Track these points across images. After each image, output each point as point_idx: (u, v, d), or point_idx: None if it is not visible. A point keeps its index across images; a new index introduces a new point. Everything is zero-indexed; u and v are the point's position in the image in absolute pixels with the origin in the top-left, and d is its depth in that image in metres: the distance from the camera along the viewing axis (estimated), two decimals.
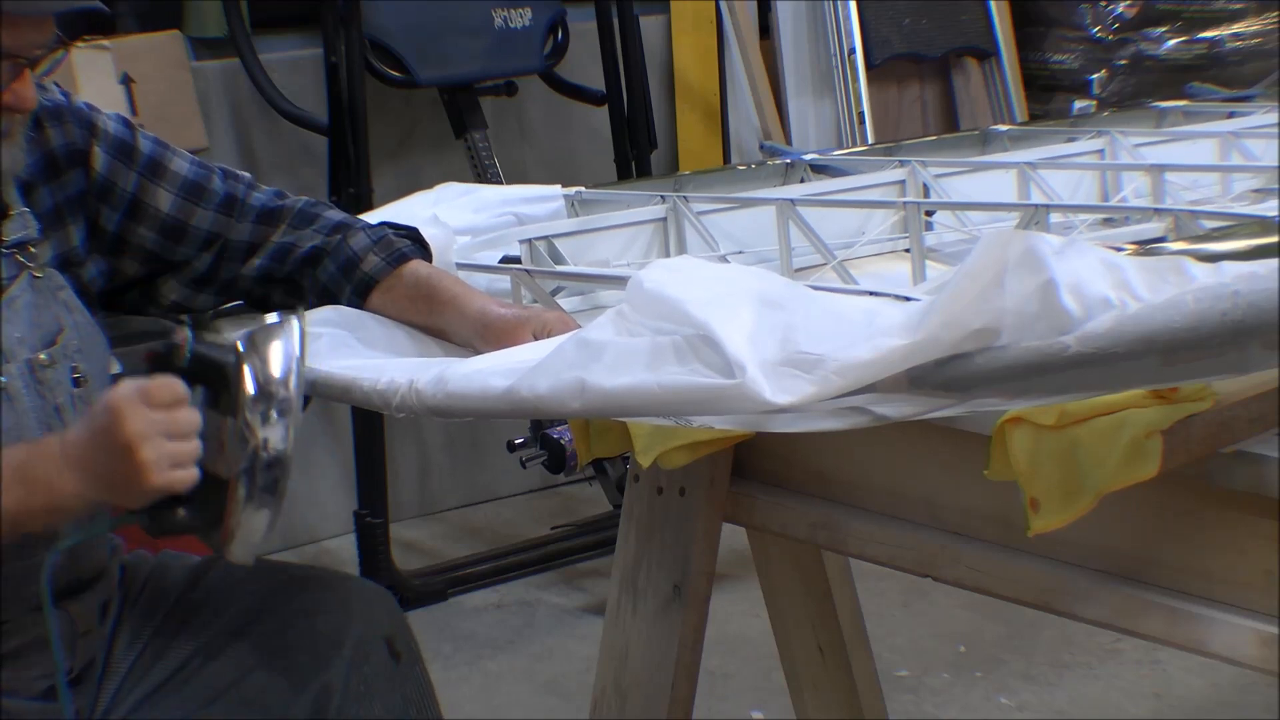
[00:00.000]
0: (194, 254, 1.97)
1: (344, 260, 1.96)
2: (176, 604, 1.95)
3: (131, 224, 1.94)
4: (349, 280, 1.95)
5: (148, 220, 1.94)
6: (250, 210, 1.98)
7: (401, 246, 1.97)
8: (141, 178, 1.93)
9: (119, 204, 1.93)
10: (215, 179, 1.98)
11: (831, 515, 2.02)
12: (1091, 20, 4.98)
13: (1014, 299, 1.35)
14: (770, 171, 2.50)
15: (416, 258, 1.97)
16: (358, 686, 1.88)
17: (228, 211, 1.97)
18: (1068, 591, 1.80)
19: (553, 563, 4.12)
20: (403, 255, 1.96)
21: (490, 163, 4.11)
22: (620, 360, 1.48)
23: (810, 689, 2.64)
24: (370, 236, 1.97)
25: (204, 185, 1.97)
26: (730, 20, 4.71)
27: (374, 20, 3.94)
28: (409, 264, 1.95)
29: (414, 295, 1.93)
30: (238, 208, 1.98)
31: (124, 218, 1.93)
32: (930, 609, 3.77)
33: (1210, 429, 1.63)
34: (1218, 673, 3.34)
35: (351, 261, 1.95)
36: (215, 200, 1.97)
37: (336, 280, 1.96)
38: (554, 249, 2.10)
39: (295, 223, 2.00)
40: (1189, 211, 1.96)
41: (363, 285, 1.95)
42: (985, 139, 2.72)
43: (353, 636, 1.89)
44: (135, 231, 1.94)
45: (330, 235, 1.98)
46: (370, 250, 1.95)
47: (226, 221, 1.97)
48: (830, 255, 2.05)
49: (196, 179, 1.97)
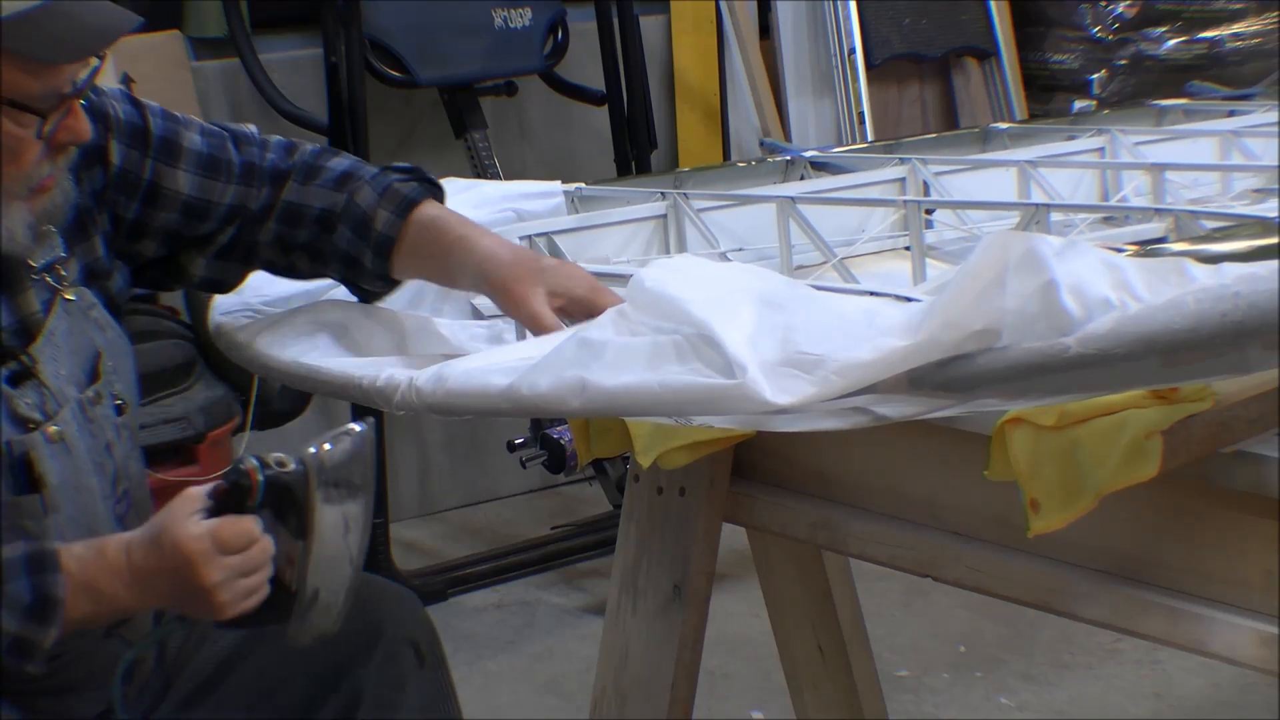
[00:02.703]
0: (217, 227, 1.92)
1: (356, 221, 1.88)
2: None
3: (151, 210, 1.89)
4: (367, 243, 1.88)
5: (168, 204, 1.89)
6: (265, 174, 1.92)
7: (406, 192, 1.88)
8: (157, 163, 1.88)
9: (137, 193, 1.87)
10: (229, 147, 1.91)
11: (831, 515, 2.02)
12: (1091, 20, 4.98)
13: (1015, 300, 1.35)
14: (770, 169, 2.50)
15: (424, 199, 1.89)
16: (386, 688, 1.88)
17: (248, 182, 1.91)
18: (1068, 591, 1.80)
19: (553, 563, 4.11)
20: (409, 202, 1.87)
21: (490, 163, 4.10)
22: (621, 359, 1.48)
23: (810, 689, 2.64)
24: (375, 188, 1.89)
25: (220, 157, 1.91)
26: (730, 20, 4.70)
27: (374, 20, 3.94)
28: (417, 209, 1.87)
29: (425, 241, 1.86)
30: (257, 175, 1.92)
31: (143, 205, 1.88)
32: (930, 609, 3.76)
33: (1210, 429, 1.63)
34: (1218, 673, 3.34)
35: (364, 221, 1.88)
36: (235, 172, 1.91)
37: (355, 245, 1.89)
38: (554, 245, 2.10)
39: (300, 178, 1.93)
40: (1189, 211, 1.96)
41: (381, 247, 1.87)
42: (985, 137, 2.72)
43: (382, 639, 1.90)
44: (156, 217, 1.89)
45: (336, 191, 1.90)
46: (378, 205, 1.88)
47: (247, 191, 1.91)
48: (830, 253, 2.05)
49: (211, 151, 1.90)
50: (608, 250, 2.18)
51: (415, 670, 1.91)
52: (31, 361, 1.75)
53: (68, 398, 1.77)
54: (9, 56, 1.63)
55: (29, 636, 1.65)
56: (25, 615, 1.64)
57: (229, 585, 1.64)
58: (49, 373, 1.76)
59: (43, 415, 1.74)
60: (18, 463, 1.72)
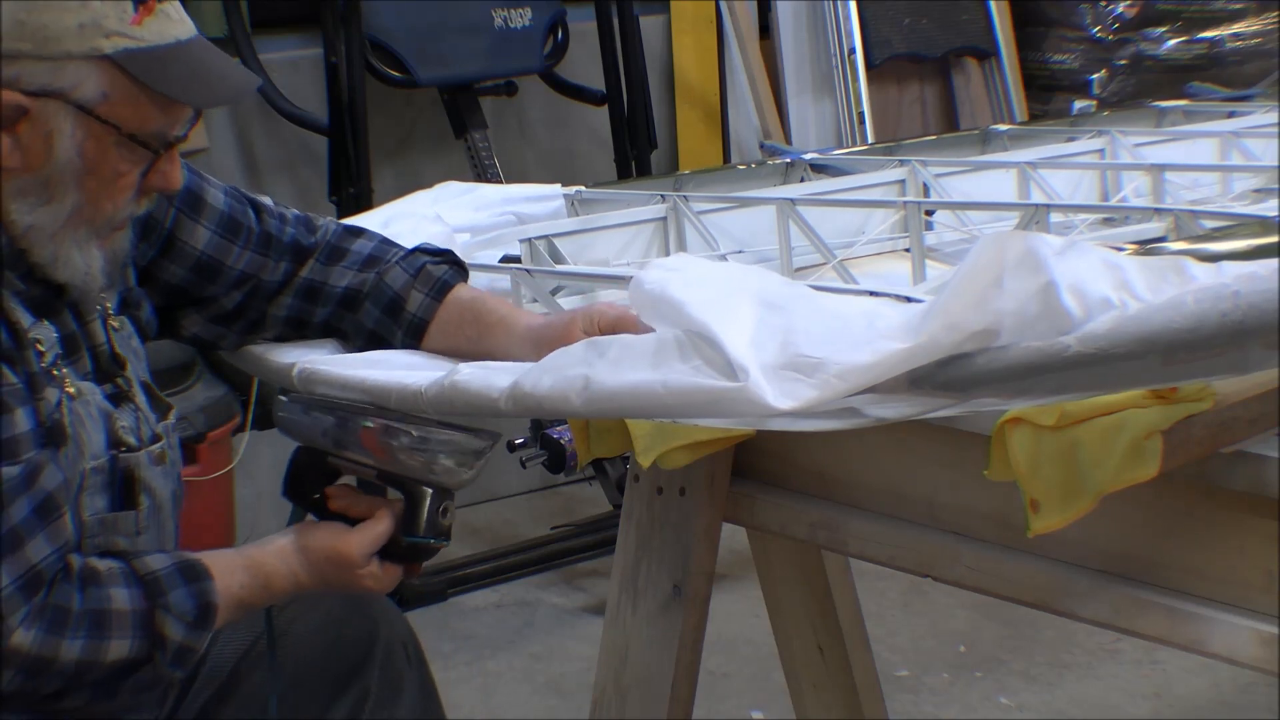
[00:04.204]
0: (223, 292, 1.89)
1: (387, 302, 1.87)
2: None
3: (164, 261, 1.87)
4: (398, 324, 1.87)
5: (182, 258, 1.87)
6: (285, 249, 1.91)
7: (441, 275, 1.88)
8: (180, 213, 1.86)
9: (156, 240, 1.86)
10: (249, 214, 1.90)
11: (831, 515, 2.02)
12: (1091, 20, 4.98)
13: (1014, 300, 1.35)
14: (770, 171, 2.50)
15: (457, 283, 1.89)
16: (386, 688, 1.90)
17: (264, 251, 1.89)
18: (1068, 591, 1.80)
19: (553, 563, 4.11)
20: (444, 285, 1.87)
21: (490, 163, 4.11)
22: (625, 356, 1.48)
23: (810, 689, 2.64)
24: (407, 269, 1.88)
25: (240, 221, 1.89)
26: (730, 20, 4.71)
27: (374, 20, 3.94)
28: (451, 292, 1.87)
29: (461, 322, 1.85)
30: (274, 246, 1.90)
31: (158, 254, 1.86)
32: (930, 609, 3.77)
33: (1210, 429, 1.62)
34: (1218, 673, 3.34)
35: (395, 303, 1.86)
36: (253, 239, 1.89)
37: (384, 324, 1.87)
38: (554, 248, 2.10)
39: (324, 258, 1.91)
40: (1189, 211, 1.96)
41: (413, 328, 1.86)
42: (985, 138, 2.72)
43: (379, 641, 1.92)
44: (167, 269, 1.87)
45: (363, 271, 1.89)
46: (411, 287, 1.86)
47: (263, 262, 1.89)
48: (830, 255, 2.05)
49: (232, 213, 1.88)
50: (608, 253, 2.18)
51: (408, 669, 1.93)
52: (127, 385, 1.77)
53: (154, 424, 1.78)
54: (142, 90, 1.63)
55: (191, 645, 1.68)
56: (190, 626, 1.68)
57: (380, 585, 1.79)
58: (139, 398, 1.78)
59: (136, 439, 1.75)
60: (118, 479, 1.73)
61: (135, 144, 1.66)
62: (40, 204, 1.65)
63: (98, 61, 1.61)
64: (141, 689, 1.69)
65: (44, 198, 1.64)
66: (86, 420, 1.69)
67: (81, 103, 1.62)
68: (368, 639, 1.91)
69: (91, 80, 1.62)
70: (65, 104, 1.62)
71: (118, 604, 1.64)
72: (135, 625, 1.65)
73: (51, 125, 1.62)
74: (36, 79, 1.61)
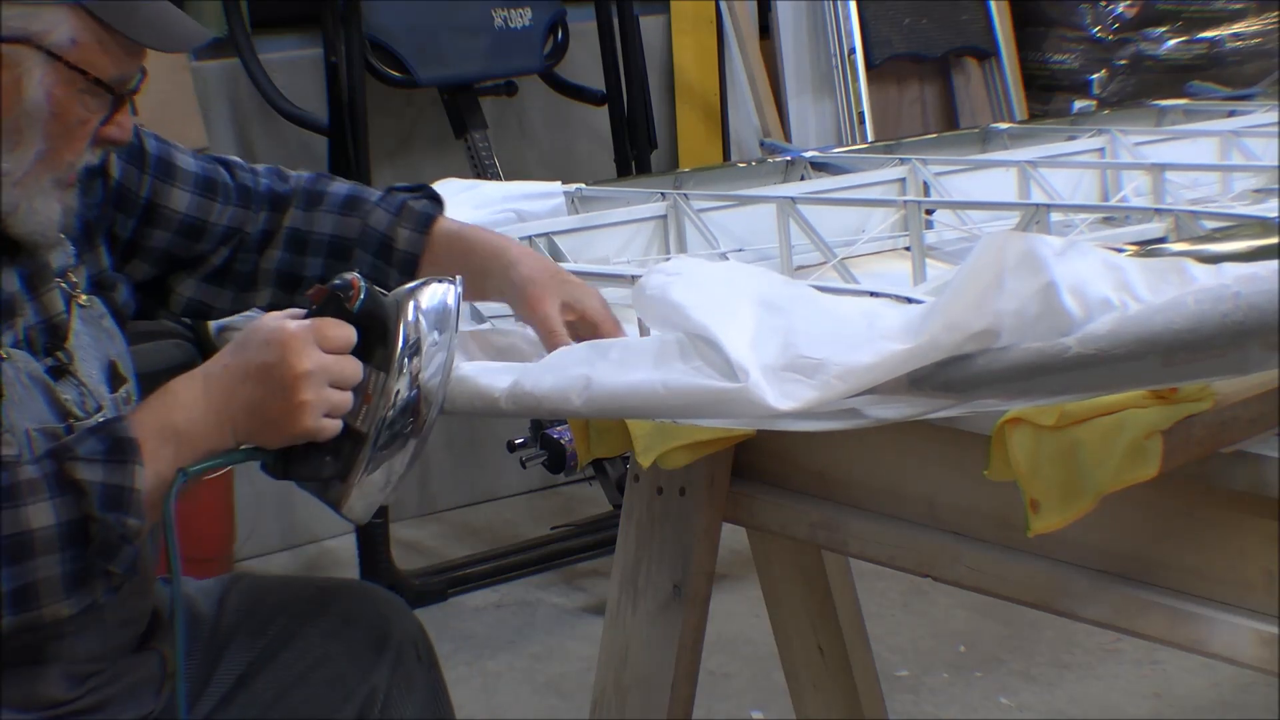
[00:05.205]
0: (211, 249, 1.91)
1: (376, 246, 1.89)
2: (212, 633, 1.93)
3: (147, 229, 1.88)
4: (390, 264, 1.89)
5: (164, 223, 1.88)
6: (263, 198, 1.92)
7: (421, 209, 1.91)
8: (155, 180, 1.87)
9: (134, 210, 1.86)
10: (221, 170, 1.92)
11: (831, 515, 2.02)
12: (1091, 20, 4.98)
13: (1014, 301, 1.35)
14: (770, 169, 2.50)
15: (438, 215, 1.92)
16: (397, 688, 1.90)
17: (244, 204, 1.91)
18: (1068, 591, 1.80)
19: (553, 563, 4.11)
20: (428, 218, 1.90)
21: (490, 162, 4.11)
22: (627, 356, 1.48)
23: (810, 689, 2.64)
24: (388, 209, 1.90)
25: (215, 179, 1.91)
26: (730, 20, 4.71)
27: (374, 20, 3.94)
28: (436, 224, 1.90)
29: (451, 254, 1.87)
30: (253, 198, 1.92)
31: (139, 224, 1.87)
32: (930, 609, 3.77)
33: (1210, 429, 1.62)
34: (1218, 673, 3.34)
35: (385, 244, 1.89)
36: (231, 194, 1.91)
37: (378, 268, 1.89)
38: (554, 246, 2.10)
39: (302, 204, 1.93)
40: (1189, 212, 1.97)
41: (406, 265, 1.88)
42: (985, 137, 2.72)
43: (391, 641, 1.91)
44: (152, 235, 1.88)
45: (345, 215, 1.91)
46: (397, 225, 1.89)
47: (244, 215, 1.91)
48: (830, 253, 2.05)
49: (206, 173, 1.90)
50: (608, 251, 2.18)
51: (418, 669, 1.94)
52: (68, 359, 1.74)
53: (103, 396, 1.76)
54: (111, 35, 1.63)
55: (119, 483, 1.58)
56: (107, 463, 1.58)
57: (317, 384, 1.57)
58: (83, 372, 1.75)
59: (83, 412, 1.72)
60: None
61: (100, 89, 1.65)
62: (8, 150, 1.63)
63: (70, 7, 1.61)
64: (102, 557, 1.57)
65: (11, 143, 1.63)
66: (17, 385, 1.65)
67: (52, 48, 1.62)
68: (377, 641, 1.91)
69: (64, 25, 1.62)
70: (36, 49, 1.61)
71: (26, 475, 1.57)
72: (50, 487, 1.56)
73: (20, 70, 1.61)
74: (11, 24, 1.60)
